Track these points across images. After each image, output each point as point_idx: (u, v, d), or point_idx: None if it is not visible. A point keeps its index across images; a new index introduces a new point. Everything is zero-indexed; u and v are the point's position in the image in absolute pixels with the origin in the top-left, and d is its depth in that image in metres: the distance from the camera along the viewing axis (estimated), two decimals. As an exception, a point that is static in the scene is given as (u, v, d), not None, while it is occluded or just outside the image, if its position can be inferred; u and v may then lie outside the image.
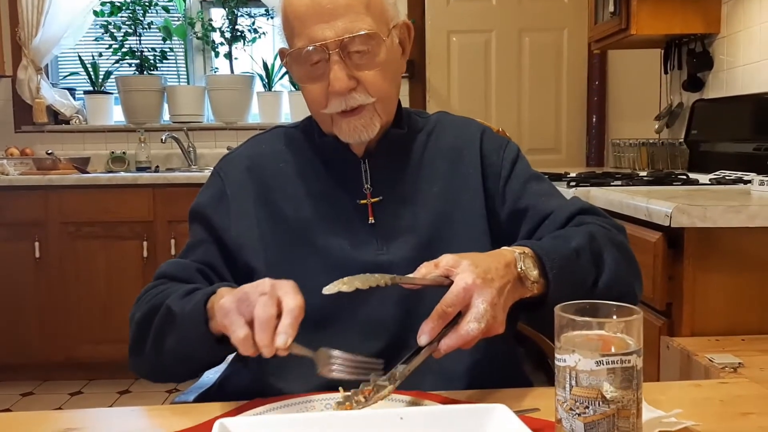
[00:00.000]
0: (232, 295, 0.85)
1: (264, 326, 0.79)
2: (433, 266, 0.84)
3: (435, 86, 3.86)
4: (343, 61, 0.99)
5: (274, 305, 0.80)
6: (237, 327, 0.81)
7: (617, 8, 2.70)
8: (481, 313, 0.80)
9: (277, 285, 0.83)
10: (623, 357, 0.66)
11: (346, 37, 0.98)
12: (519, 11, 3.82)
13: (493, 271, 0.84)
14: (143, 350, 0.99)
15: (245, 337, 0.80)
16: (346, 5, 0.98)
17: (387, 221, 1.07)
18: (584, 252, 0.94)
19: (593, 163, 3.82)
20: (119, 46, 3.85)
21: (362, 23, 0.99)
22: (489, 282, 0.82)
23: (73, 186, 3.27)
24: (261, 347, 0.79)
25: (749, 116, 2.36)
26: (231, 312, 0.83)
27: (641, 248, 1.53)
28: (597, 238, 0.97)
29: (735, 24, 2.56)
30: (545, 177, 1.15)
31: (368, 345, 0.98)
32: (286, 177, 1.10)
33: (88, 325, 3.28)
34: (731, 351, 1.29)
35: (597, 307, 0.70)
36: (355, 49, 0.99)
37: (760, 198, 1.54)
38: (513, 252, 0.89)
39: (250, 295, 0.82)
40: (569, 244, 0.94)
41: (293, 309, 0.80)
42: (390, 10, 1.05)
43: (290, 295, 0.82)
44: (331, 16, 0.98)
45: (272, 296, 0.81)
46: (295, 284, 0.84)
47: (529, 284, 0.88)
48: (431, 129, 1.15)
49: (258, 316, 0.80)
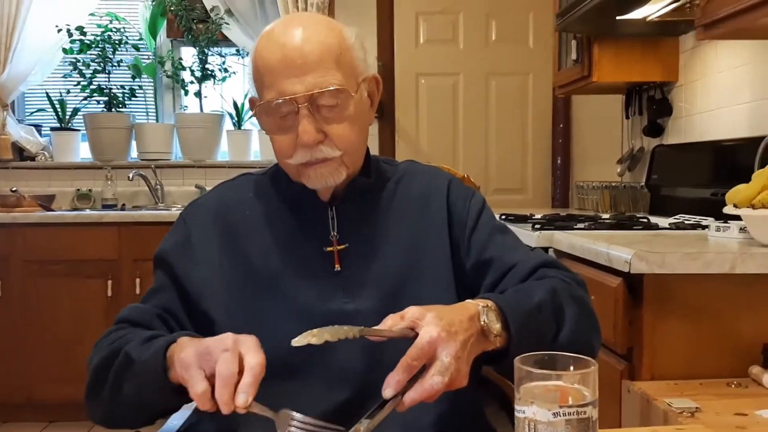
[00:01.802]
0: (194, 348, 0.84)
1: (225, 383, 0.79)
2: (399, 318, 0.85)
3: (404, 127, 3.91)
4: (312, 114, 1.01)
5: (236, 362, 0.80)
6: (196, 381, 0.81)
7: (579, 56, 2.79)
8: (445, 366, 0.81)
9: (239, 341, 0.83)
10: (579, 408, 0.68)
11: (316, 92, 1.00)
12: (486, 56, 3.91)
13: (457, 324, 0.85)
14: (100, 396, 0.98)
15: (203, 393, 0.80)
16: (317, 60, 1.00)
17: (353, 269, 1.07)
18: (546, 307, 0.96)
19: (558, 204, 3.89)
20: (88, 83, 3.85)
21: (332, 78, 1.00)
22: (453, 335, 0.83)
23: (37, 224, 3.23)
24: (220, 404, 0.79)
25: (707, 162, 2.44)
26: (191, 366, 0.83)
27: (603, 293, 1.57)
28: (558, 293, 1.00)
29: (692, 73, 2.65)
30: (509, 229, 1.18)
31: (334, 395, 0.99)
32: (253, 224, 1.11)
33: (49, 365, 3.21)
34: (689, 395, 1.32)
35: (555, 359, 0.72)
36: (324, 103, 1.01)
37: (716, 244, 1.59)
38: (477, 305, 0.91)
39: (212, 350, 0.82)
40: (532, 299, 0.96)
41: (254, 367, 0.80)
42: (359, 65, 1.07)
43: (252, 352, 0.81)
44: (301, 70, 1.00)
45: (234, 352, 0.81)
46: (257, 340, 0.84)
47: (492, 337, 0.89)
48: (399, 178, 1.17)
49: (220, 373, 0.79)
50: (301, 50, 1.00)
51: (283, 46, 1.01)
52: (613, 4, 2.28)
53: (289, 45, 1.00)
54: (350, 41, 1.06)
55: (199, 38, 3.78)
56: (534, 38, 3.91)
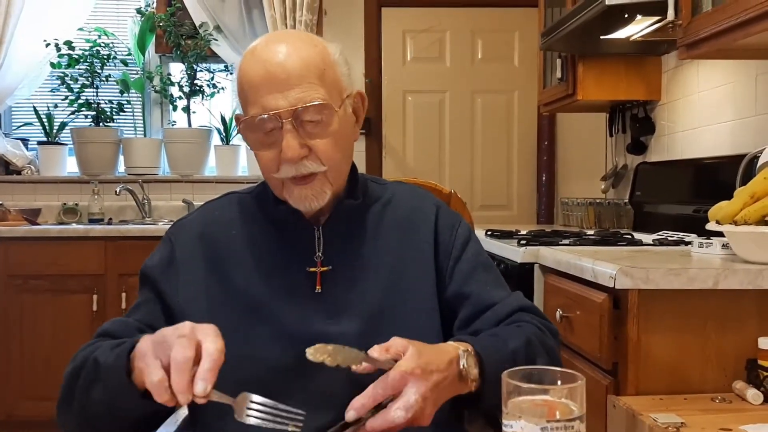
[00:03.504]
0: (150, 339, 0.83)
1: (180, 369, 0.77)
2: (384, 350, 0.86)
3: (391, 143, 3.94)
4: (295, 129, 1.01)
5: (192, 348, 0.78)
6: (152, 370, 0.79)
7: (564, 75, 2.83)
8: (410, 403, 0.82)
9: (197, 328, 0.82)
10: (567, 423, 0.69)
11: (300, 107, 1.00)
12: (472, 74, 3.96)
13: (434, 364, 0.86)
14: (71, 405, 0.96)
15: (159, 381, 0.78)
16: (300, 75, 1.01)
17: (335, 291, 1.07)
18: (520, 356, 0.98)
19: (543, 220, 3.92)
20: (75, 97, 3.84)
21: (315, 93, 1.01)
22: (428, 374, 0.85)
23: (22, 237, 3.21)
24: (177, 392, 0.76)
25: (689, 180, 2.47)
26: (147, 355, 0.81)
27: (588, 308, 1.59)
28: (533, 344, 1.02)
29: (674, 92, 2.70)
30: (494, 266, 1.19)
31: (316, 418, 0.98)
32: (238, 245, 1.11)
33: (30, 382, 3.18)
34: (674, 410, 1.33)
35: (542, 374, 0.74)
36: (308, 119, 1.01)
37: (700, 260, 1.61)
38: (457, 348, 0.92)
39: (168, 338, 0.80)
40: (507, 347, 0.98)
41: (212, 353, 0.78)
42: (343, 80, 1.07)
43: (210, 338, 0.80)
44: (284, 86, 1.00)
45: (191, 338, 0.79)
46: (216, 328, 0.82)
47: (469, 382, 0.91)
48: (387, 200, 1.17)
49: (174, 359, 0.77)
50: (283, 66, 1.01)
51: (266, 61, 1.01)
52: (597, 24, 2.32)
53: (271, 60, 1.01)
54: (334, 57, 1.06)
55: (188, 54, 3.79)
56: (519, 57, 3.96)
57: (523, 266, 2.01)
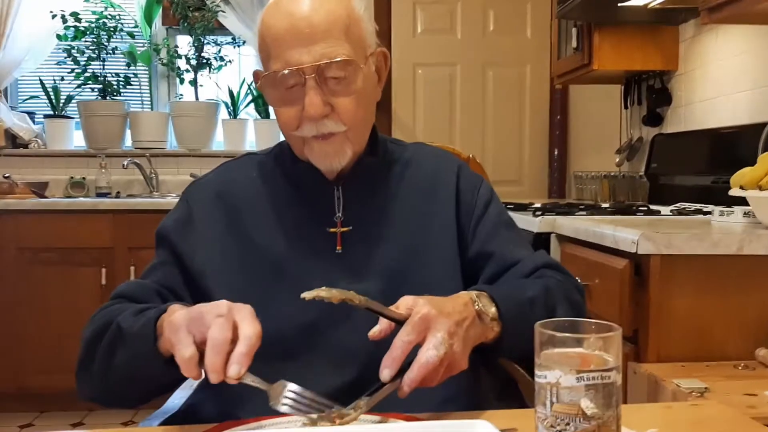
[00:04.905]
0: (185, 312, 0.81)
1: (217, 350, 0.75)
2: (393, 308, 0.84)
3: (400, 117, 3.90)
4: (319, 86, 0.98)
5: (230, 329, 0.77)
6: (184, 346, 0.78)
7: (580, 44, 2.78)
8: (439, 340, 0.80)
9: (234, 309, 0.80)
10: (603, 373, 0.66)
11: (323, 63, 0.97)
12: (483, 46, 3.90)
13: (450, 306, 0.85)
14: (90, 369, 0.95)
15: (190, 357, 0.77)
16: (325, 30, 0.97)
17: (355, 252, 1.05)
18: (538, 303, 0.96)
19: (555, 195, 3.88)
20: (82, 70, 3.81)
21: (340, 49, 0.98)
22: (446, 315, 0.83)
23: (30, 210, 3.19)
24: (210, 371, 0.75)
25: (707, 150, 2.43)
26: (180, 329, 0.79)
27: (608, 275, 1.56)
28: (552, 293, 0.99)
29: (692, 62, 2.65)
30: (515, 225, 1.17)
31: (338, 375, 0.97)
32: (258, 204, 1.08)
33: (41, 355, 3.17)
34: (697, 376, 1.31)
35: (576, 324, 0.71)
36: (331, 75, 0.98)
37: (721, 228, 1.58)
38: (469, 293, 0.91)
39: (205, 315, 0.79)
40: (524, 294, 0.96)
41: (250, 337, 0.76)
42: (368, 37, 1.05)
43: (248, 321, 0.78)
44: (309, 40, 0.97)
45: (229, 319, 0.78)
46: (253, 310, 0.81)
47: (488, 320, 0.89)
48: (407, 160, 1.15)
49: (212, 338, 0.76)
50: (309, 19, 0.97)
51: (291, 14, 0.98)
52: (615, -10, 2.28)
53: (296, 14, 0.98)
54: (360, 12, 1.03)
55: (195, 26, 3.74)
56: (531, 29, 3.90)
57: (539, 236, 1.98)
